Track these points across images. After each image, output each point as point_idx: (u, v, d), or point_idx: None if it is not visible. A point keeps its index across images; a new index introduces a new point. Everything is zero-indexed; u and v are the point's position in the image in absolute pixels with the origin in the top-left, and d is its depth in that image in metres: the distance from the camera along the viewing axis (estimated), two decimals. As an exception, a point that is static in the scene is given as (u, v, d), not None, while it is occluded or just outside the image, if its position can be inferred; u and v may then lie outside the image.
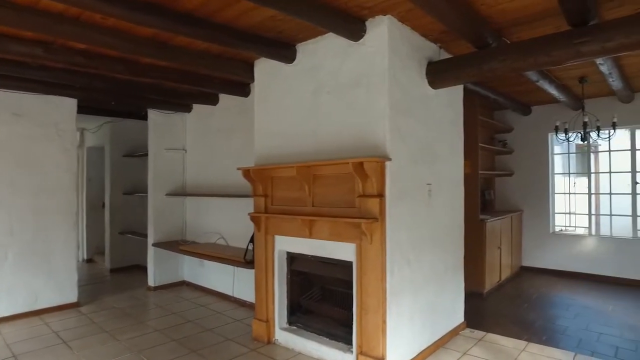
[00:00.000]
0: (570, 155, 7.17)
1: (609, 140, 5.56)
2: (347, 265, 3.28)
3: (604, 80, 4.71)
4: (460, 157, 4.07)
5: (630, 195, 5.95)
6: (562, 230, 6.58)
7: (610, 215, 6.23)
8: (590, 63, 4.07)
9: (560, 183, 6.81)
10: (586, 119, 4.74)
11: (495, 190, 6.92)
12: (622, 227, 6.09)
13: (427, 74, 3.45)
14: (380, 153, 3.02)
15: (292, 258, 3.84)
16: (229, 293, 5.15)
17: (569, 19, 2.83)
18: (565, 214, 6.76)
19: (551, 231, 6.48)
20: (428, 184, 3.45)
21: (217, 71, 4.08)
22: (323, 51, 3.46)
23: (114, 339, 3.90)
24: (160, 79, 4.26)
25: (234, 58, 4.05)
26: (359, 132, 3.17)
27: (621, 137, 6.25)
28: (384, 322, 2.99)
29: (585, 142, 5.01)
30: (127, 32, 3.25)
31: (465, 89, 4.89)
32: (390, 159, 2.98)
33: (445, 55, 3.66)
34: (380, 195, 2.98)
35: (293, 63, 3.69)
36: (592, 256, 6.11)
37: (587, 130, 4.82)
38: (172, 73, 4.24)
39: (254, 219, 3.89)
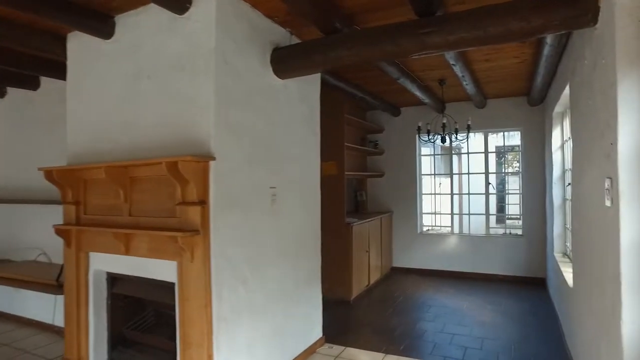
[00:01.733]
0: (437, 156, 7.47)
1: (467, 142, 5.81)
2: (172, 288, 2.68)
3: (460, 84, 4.80)
4: (315, 157, 3.73)
5: (484, 195, 6.30)
6: (428, 230, 6.76)
7: (469, 214, 6.55)
8: (446, 65, 4.04)
9: (428, 184, 7.01)
10: (445, 121, 4.78)
11: (368, 191, 6.87)
12: (483, 225, 6.44)
13: (272, 61, 3.01)
14: (203, 151, 2.48)
15: (113, 279, 3.12)
16: (50, 322, 4.18)
17: (416, 8, 2.62)
18: (431, 214, 6.99)
19: (419, 231, 6.61)
20: (271, 188, 3.01)
21: (17, 44, 3.18)
22: (145, 26, 2.81)
23: None
24: None
25: (36, 27, 3.18)
26: (181, 126, 2.60)
27: (480, 140, 6.63)
28: (210, 357, 2.46)
29: (445, 144, 5.08)
30: None
31: (329, 86, 4.63)
32: (214, 159, 2.45)
33: (297, 42, 3.27)
34: (203, 202, 2.45)
35: (111, 39, 2.97)
36: (454, 254, 6.35)
37: (446, 132, 4.87)
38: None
39: (61, 232, 3.08)
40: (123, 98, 2.87)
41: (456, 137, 4.96)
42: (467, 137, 5.40)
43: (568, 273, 3.60)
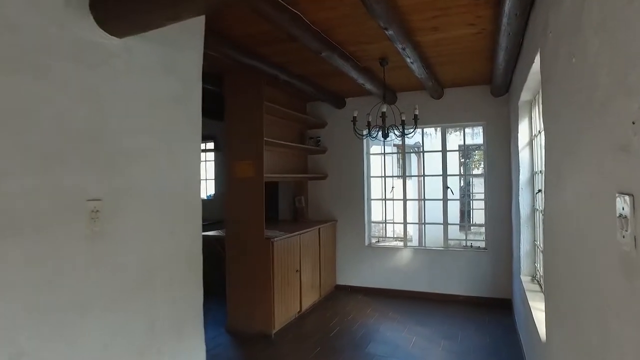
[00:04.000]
0: (392, 155, 6.55)
1: (422, 137, 4.87)
2: None
3: (405, 65, 3.84)
4: (193, 153, 2.66)
5: (442, 201, 5.37)
6: (378, 241, 5.79)
7: (424, 223, 5.62)
8: (381, 35, 3.07)
9: (379, 187, 6.06)
10: (384, 109, 3.79)
11: (308, 196, 5.85)
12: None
13: (92, 7, 1.93)
14: None
15: None
16: None
17: None
18: (382, 223, 6.03)
19: (366, 243, 5.63)
20: (93, 201, 1.93)
21: None
22: None
23: None
24: None
25: None
26: None
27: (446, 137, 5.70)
28: None
29: (387, 139, 4.11)
30: None
31: (243, 65, 3.60)
32: None
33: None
34: None
35: None
36: (407, 270, 5.40)
37: (387, 124, 3.89)
38: None
39: None
40: None
41: (402, 131, 3.99)
42: (422, 132, 4.46)
43: (539, 312, 2.66)
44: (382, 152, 5.73)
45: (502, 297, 4.89)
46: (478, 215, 7.93)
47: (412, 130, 4.01)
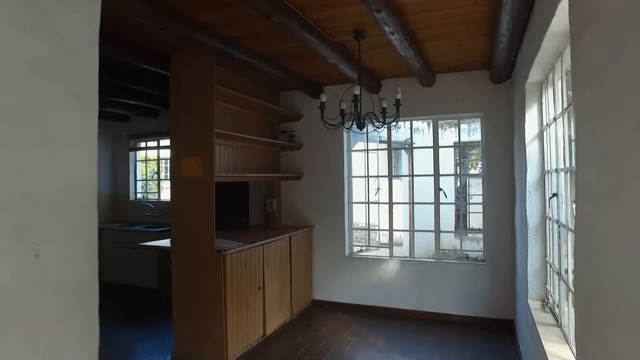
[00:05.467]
0: (376, 152, 5.84)
1: (410, 130, 4.15)
2: None
3: (388, 43, 3.12)
4: (83, 144, 1.90)
5: (433, 205, 4.65)
6: (360, 250, 5.07)
7: (413, 230, 4.90)
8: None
9: (362, 189, 5.34)
10: (357, 91, 3.07)
11: (281, 198, 5.13)
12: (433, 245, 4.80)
13: None
14: None
15: None
16: None
17: None
18: (364, 229, 5.30)
19: (347, 253, 4.91)
20: None
21: None
22: None
23: None
24: None
25: None
26: None
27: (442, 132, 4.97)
28: None
29: (363, 131, 3.40)
30: None
31: (192, 41, 2.90)
32: None
33: None
34: None
35: None
36: (393, 284, 4.68)
37: (360, 110, 3.17)
38: None
39: None
40: None
41: (383, 120, 3.27)
42: (412, 127, 3.74)
43: (556, 362, 1.96)
44: (366, 148, 5.01)
45: (503, 318, 4.18)
46: (476, 220, 7.22)
47: (393, 119, 3.28)
